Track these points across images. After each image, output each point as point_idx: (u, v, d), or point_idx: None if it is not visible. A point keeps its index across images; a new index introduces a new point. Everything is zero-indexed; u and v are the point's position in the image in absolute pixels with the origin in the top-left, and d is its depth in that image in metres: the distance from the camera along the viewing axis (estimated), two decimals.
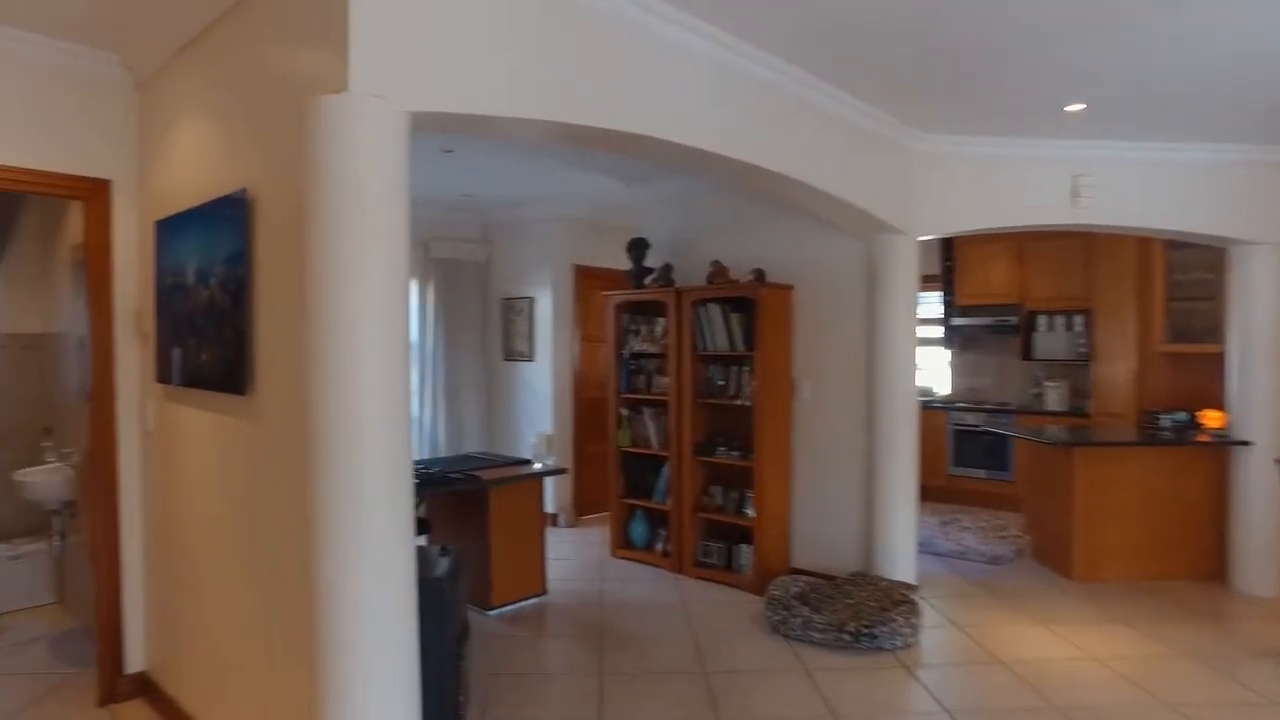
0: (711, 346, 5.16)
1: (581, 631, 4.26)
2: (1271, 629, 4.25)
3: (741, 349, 5.01)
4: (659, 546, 5.51)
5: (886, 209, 4.40)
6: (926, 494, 5.44)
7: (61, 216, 4.33)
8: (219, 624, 2.89)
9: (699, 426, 5.31)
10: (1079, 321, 6.92)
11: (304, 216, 2.17)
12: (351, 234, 2.13)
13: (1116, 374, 6.43)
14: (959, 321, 7.62)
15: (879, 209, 4.34)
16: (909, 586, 4.46)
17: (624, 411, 5.71)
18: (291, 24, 2.39)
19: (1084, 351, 6.85)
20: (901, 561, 4.64)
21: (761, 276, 5.03)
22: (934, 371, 8.08)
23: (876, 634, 3.92)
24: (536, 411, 6.81)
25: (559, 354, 6.78)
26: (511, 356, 7.08)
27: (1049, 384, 7.07)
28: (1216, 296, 5.56)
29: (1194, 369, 5.92)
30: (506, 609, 4.54)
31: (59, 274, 4.49)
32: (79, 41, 3.20)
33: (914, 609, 4.11)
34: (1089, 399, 6.77)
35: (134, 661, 3.44)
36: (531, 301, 6.89)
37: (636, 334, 5.74)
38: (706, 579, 5.14)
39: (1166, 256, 5.97)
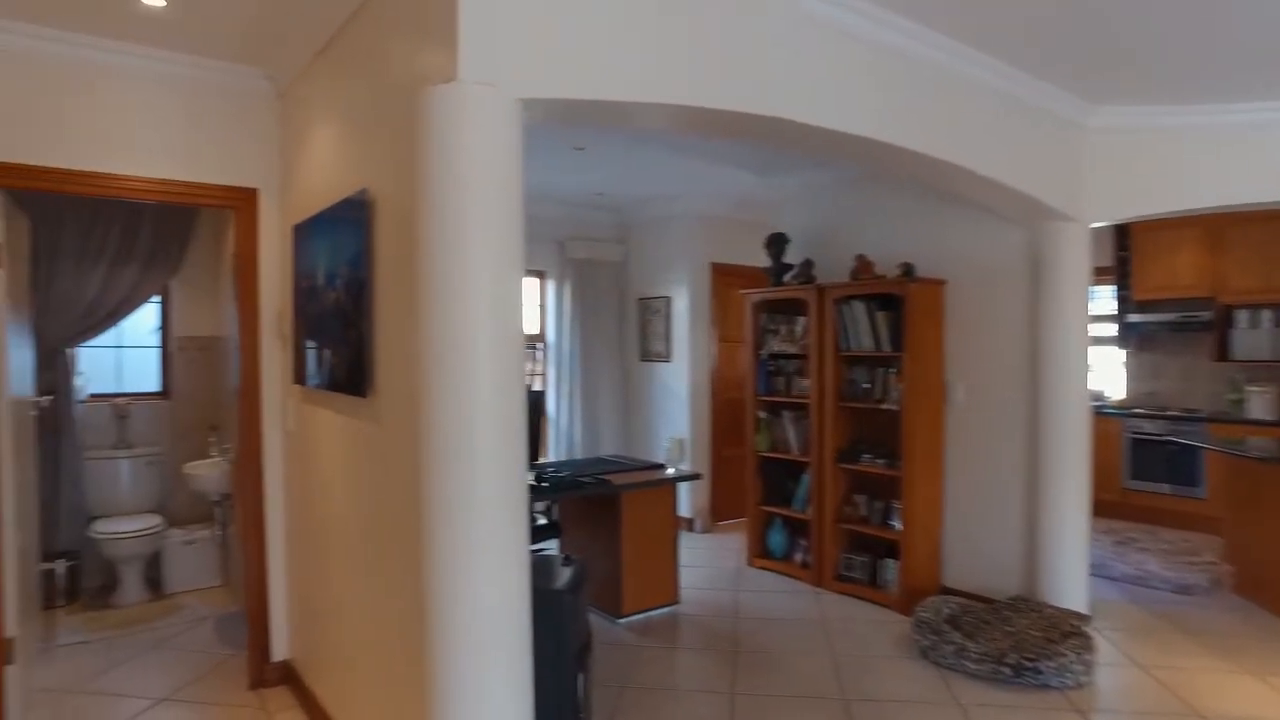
0: (855, 347, 4.83)
1: (713, 645, 4.07)
2: None
3: (888, 349, 4.65)
4: (798, 557, 5.22)
5: (1055, 193, 3.93)
6: (1098, 509, 4.84)
7: (226, 226, 4.62)
8: (346, 624, 2.93)
9: (842, 431, 4.98)
10: None
11: (413, 210, 2.11)
12: (460, 226, 2.05)
13: None
14: (1136, 318, 6.82)
15: (1046, 193, 3.88)
16: (1080, 616, 3.96)
17: (762, 414, 5.47)
18: (406, 16, 2.36)
19: None
20: (1070, 586, 4.13)
21: (910, 271, 4.65)
22: (1106, 374, 7.28)
23: (1042, 669, 3.49)
24: (673, 413, 6.68)
25: (696, 354, 6.61)
26: (648, 357, 6.98)
27: (1252, 389, 6.15)
28: None
29: None
30: (636, 617, 4.42)
31: (225, 280, 4.80)
32: (227, 59, 3.36)
33: (1087, 643, 3.63)
34: None
35: (279, 650, 3.58)
36: (668, 301, 6.76)
37: (775, 334, 5.48)
38: (849, 594, 4.81)
39: None
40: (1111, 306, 7.03)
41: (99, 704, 3.41)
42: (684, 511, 6.46)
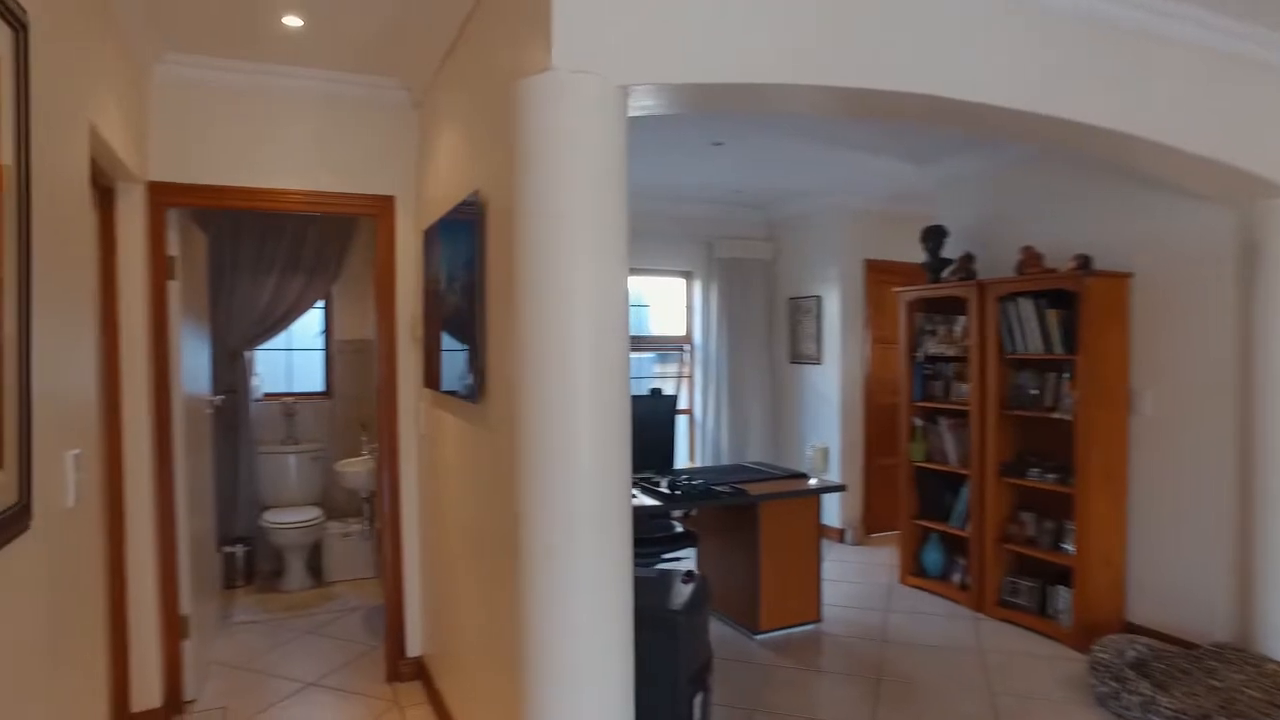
0: (1022, 348, 4.34)
1: (855, 669, 3.78)
2: None
3: (1060, 351, 4.15)
4: (956, 577, 4.78)
5: (1275, 165, 3.31)
6: None
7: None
8: (462, 628, 2.93)
9: (1006, 442, 4.50)
10: None
11: (511, 207, 2.04)
12: (554, 221, 1.96)
13: None
14: None
15: (1264, 166, 3.27)
16: None
17: (917, 422, 5.06)
18: (508, 9, 2.30)
19: None
20: None
21: (1087, 263, 4.11)
22: None
23: None
24: (824, 418, 6.35)
25: (848, 357, 6.26)
26: (798, 359, 6.69)
27: None
28: None
29: None
30: (775, 634, 4.19)
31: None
32: (366, 72, 3.48)
33: None
34: None
35: (414, 645, 3.67)
36: (819, 300, 6.44)
37: (932, 334, 5.05)
38: (1012, 622, 4.33)
39: None
40: None
41: (259, 681, 3.64)
42: (834, 523, 6.14)
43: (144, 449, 3.18)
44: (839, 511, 6.13)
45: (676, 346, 6.95)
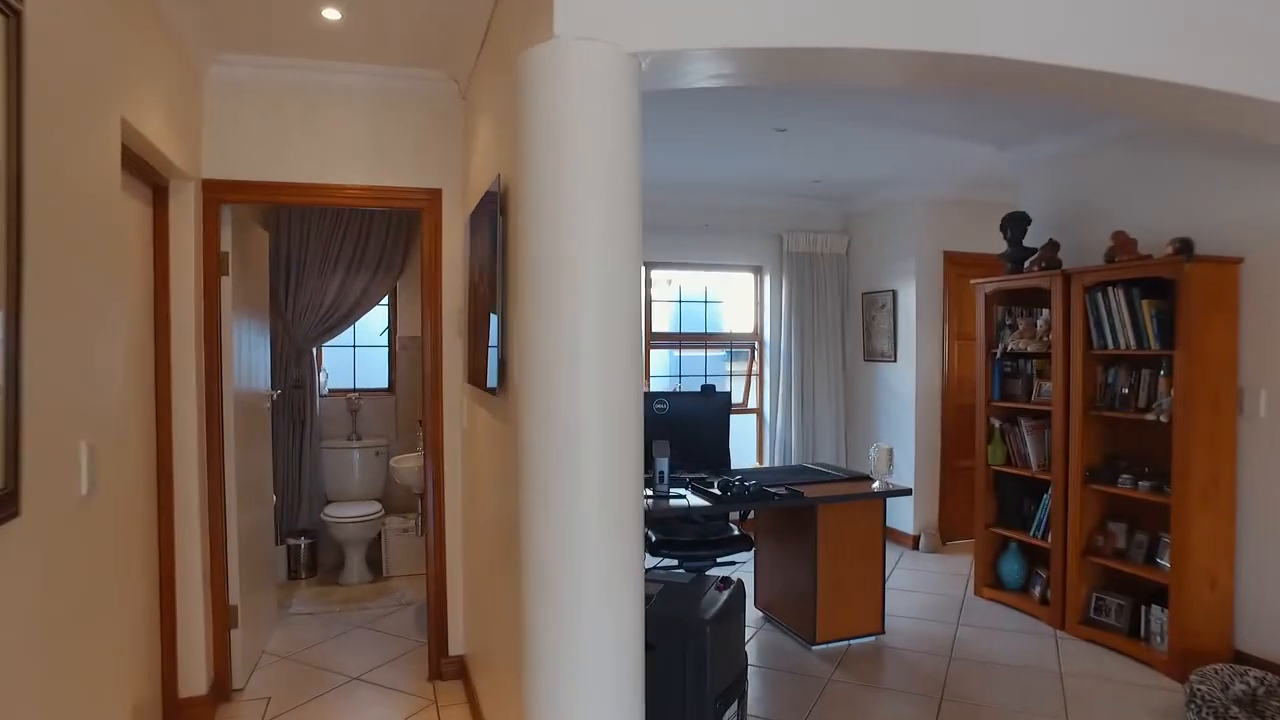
0: (1112, 343, 3.98)
1: (918, 688, 3.52)
2: None
3: (1155, 346, 3.77)
4: (1036, 590, 4.43)
5: None
6: None
7: None
8: (495, 627, 2.85)
9: (1093, 446, 4.13)
10: None
11: (517, 187, 1.93)
12: (559, 205, 1.83)
13: None
14: None
15: None
16: None
17: (995, 423, 4.72)
18: None
19: None
20: None
21: (1187, 248, 3.72)
22: None
23: None
24: (898, 418, 6.04)
25: (925, 354, 5.93)
26: (872, 357, 6.39)
27: None
28: None
29: None
30: (832, 645, 3.97)
31: None
32: (412, 64, 3.46)
33: None
34: None
35: (455, 645, 3.63)
36: (894, 295, 6.13)
37: (1013, 329, 4.71)
38: (1098, 643, 3.97)
39: None
40: None
41: (306, 673, 3.67)
42: (907, 528, 5.83)
43: (192, 442, 3.22)
44: (913, 516, 5.81)
45: (747, 344, 6.74)
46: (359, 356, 5.69)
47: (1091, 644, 3.98)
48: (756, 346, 6.70)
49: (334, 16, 3.01)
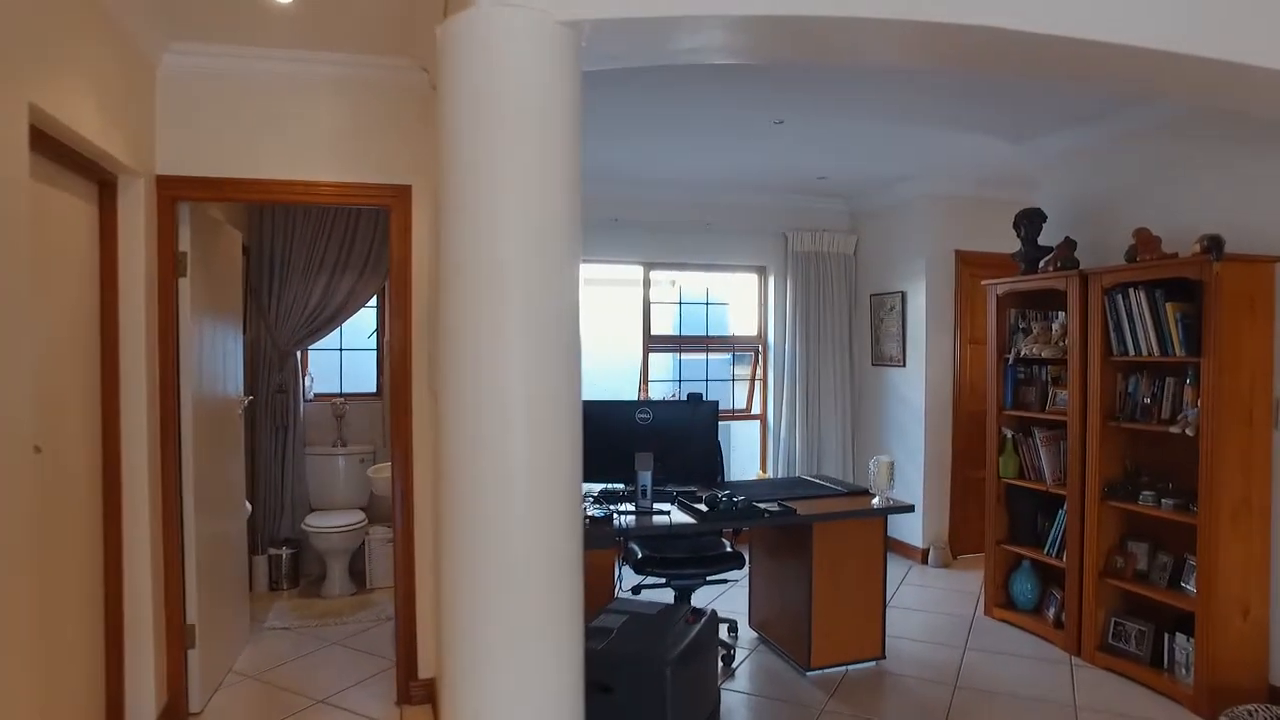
0: (1132, 349, 3.69)
1: (917, 718, 3.26)
2: None
3: (1180, 353, 3.48)
4: (1050, 612, 4.14)
5: None
6: None
7: None
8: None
9: (1111, 459, 3.85)
10: None
11: (441, 176, 1.72)
12: (481, 194, 1.63)
13: None
14: None
15: None
16: None
17: (1007, 433, 4.44)
18: None
19: None
20: None
21: (1216, 246, 3.41)
22: None
23: None
24: (908, 427, 5.76)
25: (935, 358, 5.65)
26: (880, 361, 6.11)
27: None
28: None
29: None
30: (828, 671, 3.71)
31: None
32: (380, 52, 3.26)
33: None
34: None
35: (426, 666, 3.42)
36: (904, 296, 5.86)
37: (1026, 332, 4.43)
38: (1117, 672, 3.68)
39: None
40: None
41: (270, 695, 3.48)
42: (916, 541, 5.56)
43: (142, 451, 3.04)
44: (922, 529, 5.54)
45: (750, 347, 6.49)
46: (346, 360, 5.52)
47: (1109, 673, 3.69)
48: (760, 350, 6.44)
49: (284, 0, 2.82)
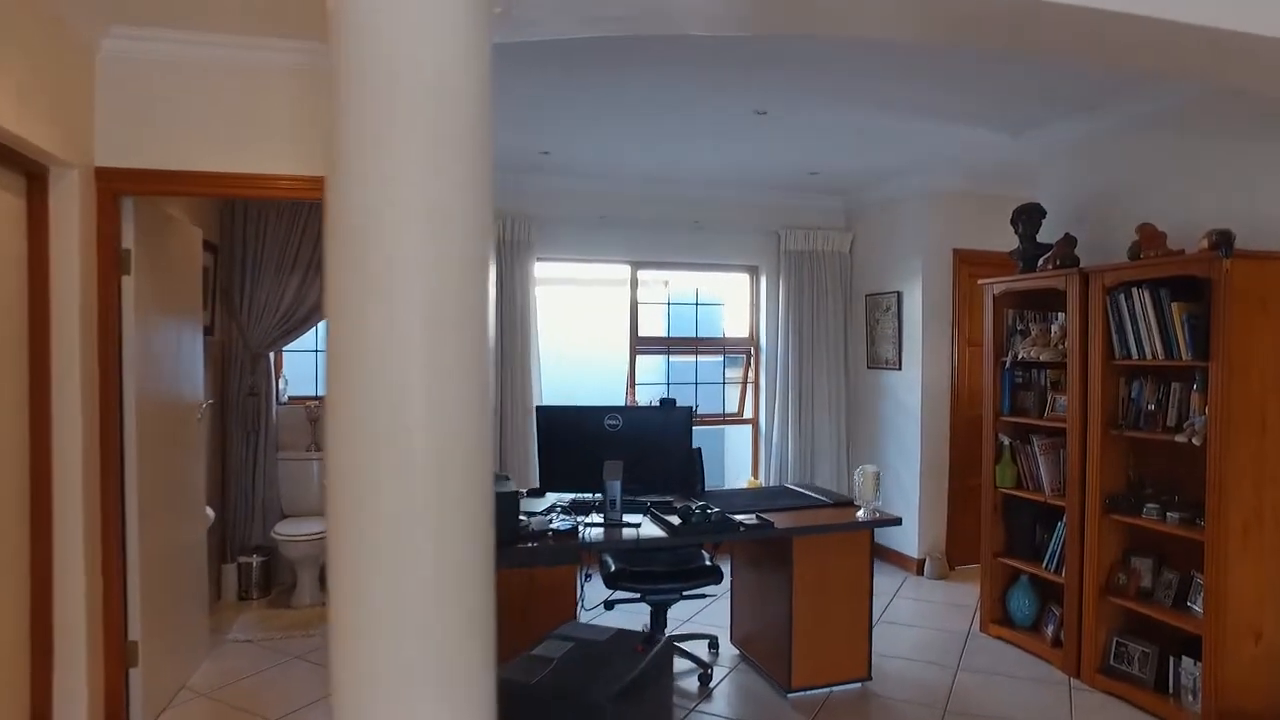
0: (1136, 352, 3.46)
1: None
2: None
3: (1187, 356, 3.25)
4: (1048, 630, 3.92)
5: None
6: None
7: None
8: None
9: (1114, 469, 3.62)
10: None
11: (329, 154, 1.55)
12: (370, 176, 1.45)
13: None
14: None
15: None
16: None
17: (1004, 440, 4.22)
18: None
19: None
20: None
21: (1226, 242, 3.18)
22: None
23: None
24: (904, 432, 5.54)
25: (932, 361, 5.43)
26: (876, 364, 5.90)
27: None
28: None
29: None
30: (810, 693, 3.50)
31: None
32: (293, 36, 3.06)
33: None
34: None
35: None
36: (899, 297, 5.64)
37: (1024, 334, 4.21)
38: (1118, 695, 3.46)
39: None
40: None
41: (219, 715, 3.31)
42: (911, 551, 5.34)
43: (75, 457, 2.86)
44: (917, 539, 5.32)
45: (742, 349, 6.29)
46: (321, 362, 5.35)
47: (1110, 696, 3.47)
48: (752, 352, 6.24)
49: None
